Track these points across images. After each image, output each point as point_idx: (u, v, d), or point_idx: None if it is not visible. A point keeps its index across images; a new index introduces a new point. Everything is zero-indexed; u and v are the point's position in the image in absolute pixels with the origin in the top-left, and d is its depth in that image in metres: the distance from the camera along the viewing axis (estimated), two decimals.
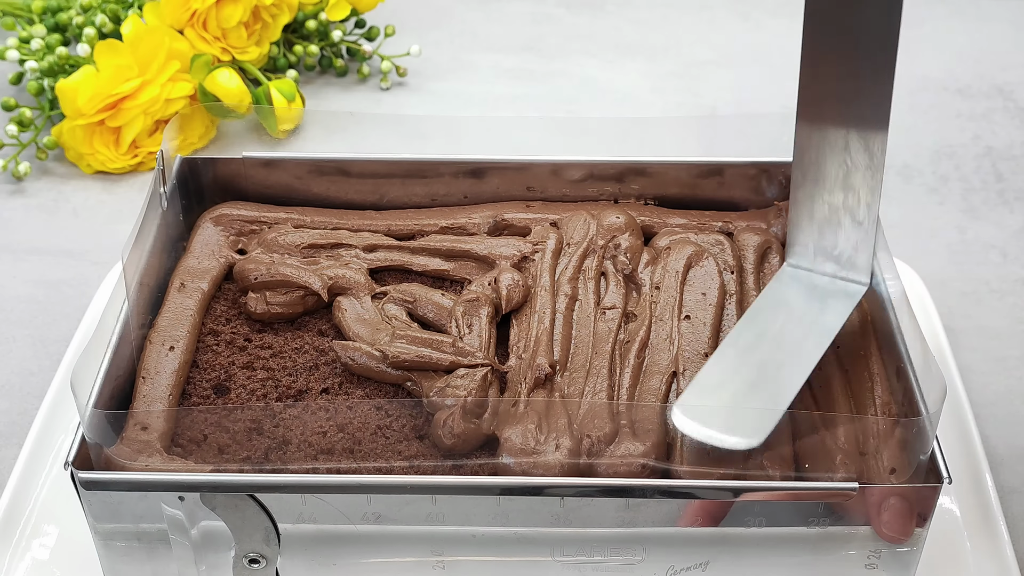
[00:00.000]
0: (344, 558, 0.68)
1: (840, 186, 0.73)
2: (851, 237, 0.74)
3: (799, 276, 0.76)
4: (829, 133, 0.72)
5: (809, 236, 0.76)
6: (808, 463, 0.67)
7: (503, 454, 0.67)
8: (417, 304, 0.77)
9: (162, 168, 0.79)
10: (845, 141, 0.72)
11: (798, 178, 0.75)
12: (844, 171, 0.73)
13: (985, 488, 0.77)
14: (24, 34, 1.15)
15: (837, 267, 0.76)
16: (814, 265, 0.76)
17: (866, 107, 0.71)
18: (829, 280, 0.76)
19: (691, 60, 1.28)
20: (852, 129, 0.71)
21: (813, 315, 0.73)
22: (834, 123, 0.72)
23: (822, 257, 0.76)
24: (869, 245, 0.74)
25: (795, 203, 0.76)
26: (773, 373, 0.70)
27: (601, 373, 0.72)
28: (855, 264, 0.75)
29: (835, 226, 0.75)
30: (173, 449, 0.68)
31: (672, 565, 0.68)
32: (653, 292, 0.78)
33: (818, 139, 0.73)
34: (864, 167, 0.72)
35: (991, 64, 1.27)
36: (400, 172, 0.85)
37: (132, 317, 0.73)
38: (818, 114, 0.72)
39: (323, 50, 1.24)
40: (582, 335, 0.75)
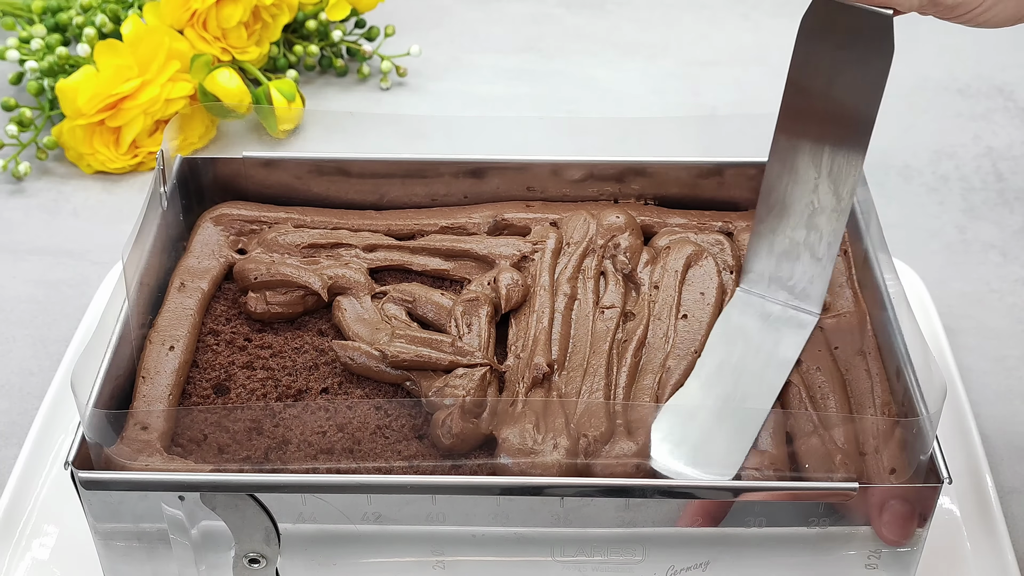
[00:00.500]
0: (344, 558, 0.68)
1: (804, 224, 0.75)
2: (808, 271, 0.76)
3: (752, 302, 0.77)
4: (800, 174, 0.73)
5: (766, 266, 0.77)
6: (808, 463, 0.67)
7: (501, 454, 0.67)
8: (417, 304, 0.77)
9: (162, 168, 0.79)
10: (815, 184, 0.73)
11: (763, 212, 0.76)
12: (810, 211, 0.74)
13: (985, 488, 0.77)
14: (24, 34, 1.15)
15: (790, 296, 0.77)
16: (767, 292, 0.77)
17: (841, 155, 0.71)
18: (781, 308, 0.77)
19: (691, 60, 1.28)
20: (824, 172, 0.72)
21: (770, 345, 0.74)
22: (807, 164, 0.73)
23: (776, 286, 0.77)
24: (825, 279, 0.75)
25: (757, 234, 0.77)
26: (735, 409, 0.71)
27: (598, 372, 0.72)
28: (808, 295, 0.76)
29: (793, 259, 0.76)
30: (173, 449, 0.68)
31: (672, 565, 0.68)
32: (652, 291, 0.78)
33: (789, 178, 0.74)
34: (831, 209, 0.73)
35: (991, 64, 1.27)
36: (400, 172, 0.85)
37: (132, 317, 0.73)
38: (792, 154, 0.73)
39: (323, 50, 1.24)
40: (580, 334, 0.75)
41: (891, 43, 0.66)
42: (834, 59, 0.68)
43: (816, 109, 0.71)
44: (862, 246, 0.78)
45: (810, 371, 0.73)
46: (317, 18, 1.21)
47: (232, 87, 1.09)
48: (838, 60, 0.68)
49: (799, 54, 0.70)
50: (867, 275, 0.77)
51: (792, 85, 0.71)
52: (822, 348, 0.74)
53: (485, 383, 0.71)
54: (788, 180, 0.74)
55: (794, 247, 0.75)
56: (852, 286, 0.78)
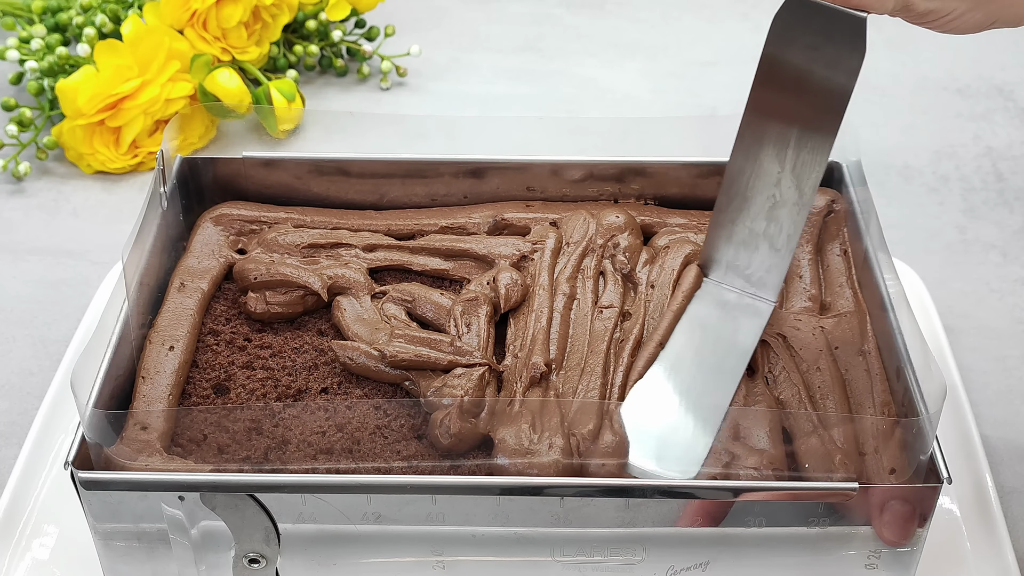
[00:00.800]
0: (344, 558, 0.68)
1: (764, 216, 0.75)
2: (766, 261, 0.76)
3: (709, 290, 0.78)
4: (764, 166, 0.73)
5: (724, 254, 0.77)
6: (808, 463, 0.67)
7: (497, 455, 0.67)
8: (416, 303, 0.77)
9: (162, 168, 0.79)
10: (778, 177, 0.73)
11: (723, 202, 0.76)
12: (771, 203, 0.74)
13: (985, 488, 0.77)
14: (24, 34, 1.15)
15: (746, 284, 0.77)
16: (724, 280, 0.78)
17: (806, 150, 0.72)
18: (737, 296, 0.77)
19: (691, 60, 1.28)
20: (788, 167, 0.73)
21: (729, 333, 0.75)
22: (771, 158, 0.73)
23: (733, 274, 0.77)
24: (782, 269, 0.76)
25: (716, 223, 0.77)
26: (697, 398, 0.71)
27: (595, 372, 0.72)
28: (765, 284, 0.77)
29: (752, 249, 0.76)
30: (173, 449, 0.68)
31: (672, 565, 0.68)
32: (648, 291, 0.78)
33: (752, 171, 0.74)
34: (792, 203, 0.74)
35: (991, 64, 1.27)
36: (400, 172, 0.85)
37: (132, 317, 0.73)
38: (757, 147, 0.73)
39: (323, 50, 1.24)
40: (579, 334, 0.75)
41: (863, 44, 0.67)
42: (805, 58, 0.69)
43: (784, 105, 0.71)
44: (862, 246, 0.78)
45: (810, 371, 0.73)
46: (317, 18, 1.21)
47: (232, 87, 1.09)
48: (809, 59, 0.68)
49: (770, 51, 0.70)
50: (867, 275, 0.77)
51: (761, 80, 0.71)
52: (822, 348, 0.74)
53: (483, 383, 0.71)
54: (751, 172, 0.74)
55: (753, 237, 0.76)
56: (852, 286, 0.78)
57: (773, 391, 0.72)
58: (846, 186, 0.83)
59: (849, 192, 0.82)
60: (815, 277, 0.80)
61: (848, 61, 0.67)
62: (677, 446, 0.67)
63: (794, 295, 0.79)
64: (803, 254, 0.81)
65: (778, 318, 0.76)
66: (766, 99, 0.71)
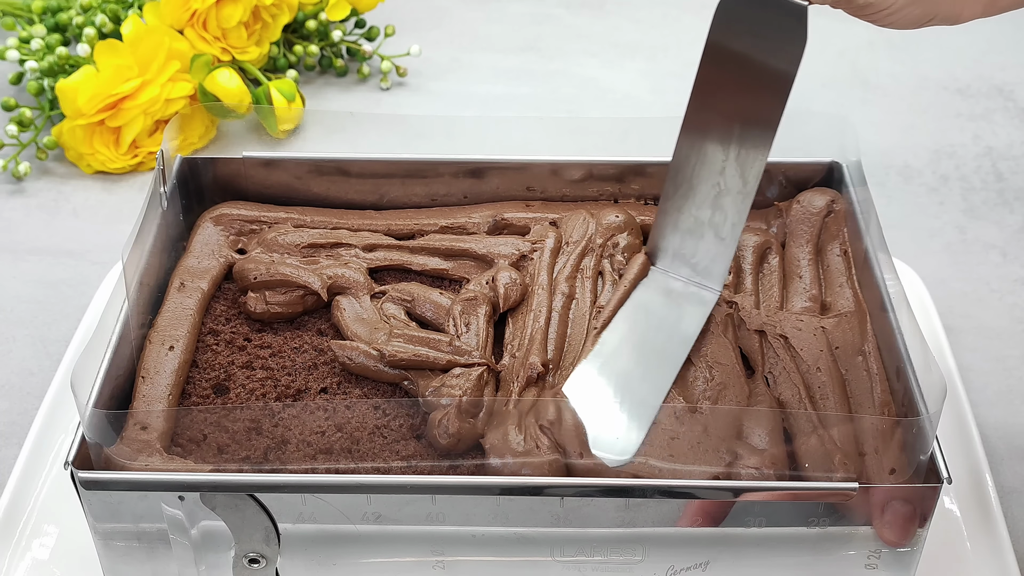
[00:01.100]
0: (344, 558, 0.68)
1: (709, 204, 0.75)
2: (711, 250, 0.76)
3: (655, 277, 0.78)
4: (709, 155, 0.74)
5: (670, 242, 0.78)
6: (808, 463, 0.67)
7: (490, 455, 0.67)
8: (415, 303, 0.77)
9: (162, 168, 0.79)
10: (723, 166, 0.74)
11: (670, 190, 0.76)
12: (716, 192, 0.75)
13: (985, 488, 0.77)
14: (24, 34, 1.15)
15: (692, 273, 0.78)
16: (670, 268, 0.78)
17: (749, 138, 0.72)
18: (683, 284, 0.77)
19: (691, 60, 1.27)
20: (731, 155, 0.73)
21: (673, 320, 0.75)
22: (715, 146, 0.73)
23: (679, 262, 0.78)
24: (727, 258, 0.76)
25: (663, 211, 0.77)
26: (636, 384, 0.71)
27: None
28: (711, 273, 0.77)
29: (697, 237, 0.77)
30: (173, 449, 0.68)
31: (672, 565, 0.68)
32: None
33: (697, 158, 0.74)
34: (736, 191, 0.74)
35: (991, 64, 1.27)
36: (400, 172, 0.85)
37: (132, 317, 0.73)
38: (702, 135, 0.74)
39: (323, 50, 1.24)
40: (576, 334, 0.75)
41: (804, 32, 0.67)
42: (748, 45, 0.69)
43: (729, 93, 0.71)
44: (862, 246, 0.78)
45: (810, 371, 0.73)
46: (317, 18, 1.21)
47: (232, 87, 1.09)
48: (752, 47, 0.69)
49: (714, 37, 0.70)
50: (867, 275, 0.77)
51: (706, 67, 0.72)
52: (822, 348, 0.74)
53: (482, 383, 0.71)
54: (696, 160, 0.74)
55: (699, 226, 0.76)
56: (852, 286, 0.78)
57: (773, 391, 0.72)
58: (846, 186, 0.83)
59: (849, 192, 0.82)
60: (815, 277, 0.80)
61: (790, 49, 0.68)
62: (613, 431, 0.67)
63: (794, 295, 0.79)
64: (803, 254, 0.81)
65: (778, 318, 0.76)
66: (711, 86, 0.72)
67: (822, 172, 0.85)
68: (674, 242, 0.77)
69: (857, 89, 1.24)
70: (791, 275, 0.80)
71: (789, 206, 0.83)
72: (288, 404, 0.71)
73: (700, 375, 0.72)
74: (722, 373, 0.72)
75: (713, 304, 0.76)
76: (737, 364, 0.73)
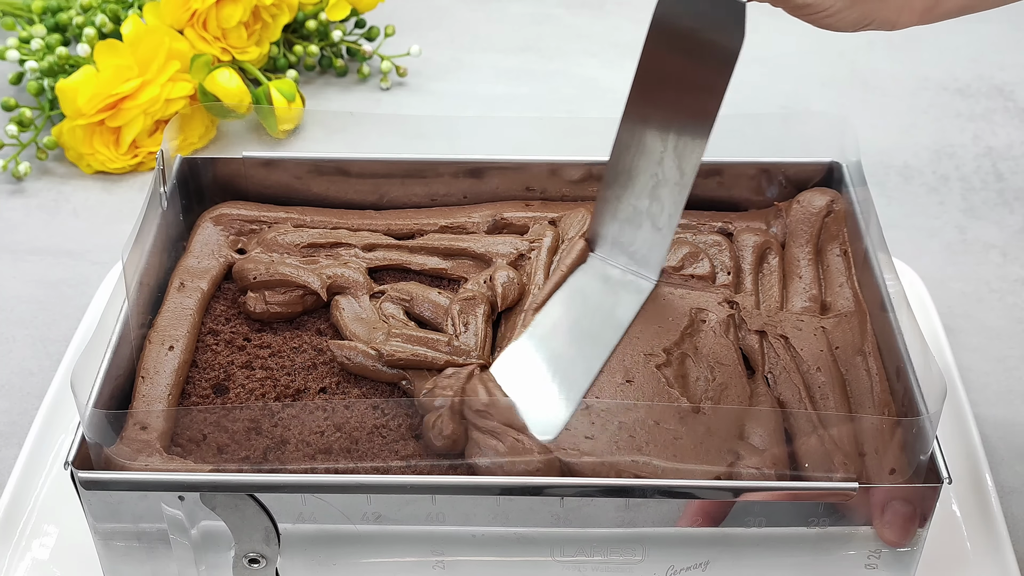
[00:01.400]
0: (344, 558, 0.68)
1: (648, 194, 0.75)
2: (648, 239, 0.77)
3: (594, 264, 0.79)
4: (648, 144, 0.74)
5: (609, 230, 0.78)
6: (808, 463, 0.67)
7: (474, 455, 0.67)
8: (414, 302, 0.77)
9: (162, 168, 0.79)
10: (661, 156, 0.74)
11: (610, 178, 0.76)
12: (654, 182, 0.75)
13: (985, 488, 0.77)
14: (24, 34, 1.15)
15: (630, 261, 0.78)
16: (609, 256, 0.79)
17: (687, 130, 0.72)
18: (620, 272, 0.78)
19: None
20: (670, 147, 0.73)
21: (608, 306, 0.76)
22: (655, 137, 0.73)
23: (617, 250, 0.78)
24: (664, 248, 0.77)
25: (603, 199, 0.78)
26: (566, 365, 0.72)
27: None
28: (648, 262, 0.77)
29: (635, 227, 0.77)
30: (173, 449, 0.68)
31: (672, 565, 0.68)
32: None
33: (636, 147, 0.74)
34: (674, 183, 0.74)
35: (991, 64, 1.27)
36: (400, 172, 0.85)
37: (132, 317, 0.73)
38: (642, 124, 0.74)
39: (323, 50, 1.24)
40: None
41: (742, 30, 0.67)
42: (687, 39, 0.69)
43: (667, 85, 0.72)
44: (862, 246, 0.78)
45: (810, 371, 0.73)
46: (317, 18, 1.21)
47: (232, 87, 1.09)
48: (691, 41, 0.69)
49: (655, 30, 0.70)
50: (867, 275, 0.77)
51: (647, 57, 0.72)
52: (822, 348, 0.74)
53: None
54: (636, 150, 0.75)
55: (637, 215, 0.76)
56: (852, 286, 0.78)
57: (773, 391, 0.72)
58: (846, 186, 0.83)
59: (849, 192, 0.82)
60: (815, 277, 0.80)
61: (727, 46, 0.68)
62: (538, 410, 0.68)
63: (794, 295, 0.79)
64: (803, 254, 0.81)
65: (778, 318, 0.76)
66: (652, 76, 0.72)
67: (822, 172, 0.85)
68: (613, 230, 0.78)
69: (857, 89, 1.24)
70: (791, 275, 0.80)
71: (789, 206, 0.83)
72: (287, 404, 0.71)
73: (702, 375, 0.72)
74: (723, 373, 0.72)
75: (648, 293, 0.77)
76: (739, 364, 0.73)
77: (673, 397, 0.71)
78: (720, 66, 0.69)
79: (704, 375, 0.72)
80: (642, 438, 0.67)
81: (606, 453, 0.66)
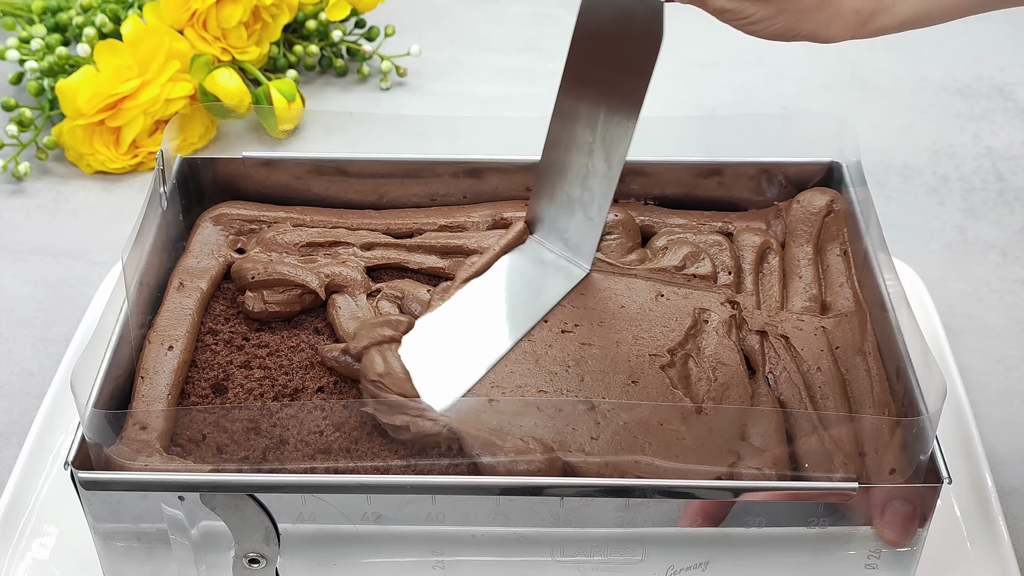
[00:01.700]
0: (344, 558, 0.68)
1: (579, 183, 0.76)
2: (581, 228, 0.78)
3: (532, 246, 0.80)
4: (578, 135, 0.75)
5: (546, 215, 0.79)
6: (808, 463, 0.67)
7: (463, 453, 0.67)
8: (404, 300, 0.77)
9: (162, 168, 0.79)
10: (590, 148, 0.75)
11: (545, 164, 0.78)
12: (585, 172, 0.76)
13: (985, 488, 0.77)
14: (24, 34, 1.15)
15: (564, 248, 0.79)
16: (546, 239, 0.80)
17: (613, 124, 0.73)
18: (555, 257, 0.79)
19: (691, 60, 1.28)
20: (598, 138, 0.74)
21: (536, 288, 0.77)
22: (584, 128, 0.74)
23: (554, 235, 0.79)
24: (595, 238, 0.78)
25: (539, 183, 0.79)
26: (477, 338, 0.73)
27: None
28: (580, 250, 0.79)
29: (569, 214, 0.78)
30: (172, 449, 0.68)
31: (672, 565, 0.68)
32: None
33: (568, 137, 0.75)
34: (602, 175, 0.75)
35: (991, 64, 1.27)
36: (399, 172, 0.85)
37: (132, 317, 0.73)
38: (572, 115, 0.75)
39: (323, 50, 1.24)
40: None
41: (660, 30, 0.68)
42: (611, 36, 0.70)
43: (593, 79, 0.73)
44: (862, 246, 0.78)
45: (810, 371, 0.73)
46: (317, 18, 1.21)
47: (232, 87, 1.09)
48: (614, 38, 0.70)
49: (580, 23, 0.71)
50: (867, 275, 0.77)
51: (574, 51, 0.73)
52: (823, 348, 0.74)
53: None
54: (567, 139, 0.76)
55: (570, 202, 0.78)
56: (852, 286, 0.78)
57: (774, 391, 0.72)
58: (846, 186, 0.83)
59: (849, 192, 0.82)
60: (815, 277, 0.80)
61: (647, 45, 0.69)
62: (440, 378, 0.69)
63: (794, 295, 0.79)
64: (803, 254, 0.81)
65: (779, 318, 0.76)
66: (579, 69, 0.73)
67: (822, 172, 0.85)
68: (549, 214, 0.79)
69: (857, 89, 1.24)
70: (791, 275, 0.80)
71: (789, 206, 0.83)
72: (286, 404, 0.71)
73: (704, 376, 0.72)
74: (725, 374, 0.72)
75: (579, 280, 0.78)
76: (740, 365, 0.73)
77: (677, 398, 0.71)
78: (641, 65, 0.70)
79: (706, 375, 0.72)
80: (645, 439, 0.67)
81: (610, 453, 0.66)
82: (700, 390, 0.72)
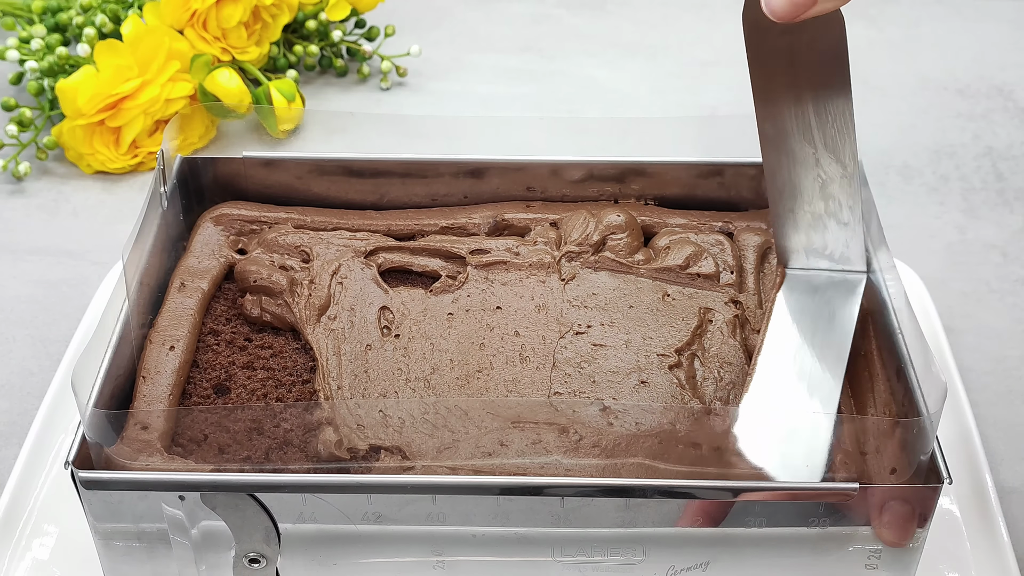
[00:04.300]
0: (344, 558, 0.68)
1: (819, 197, 0.74)
2: (839, 237, 0.75)
3: (798, 278, 0.77)
4: (797, 154, 0.73)
5: (798, 242, 0.77)
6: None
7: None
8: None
9: (162, 168, 0.79)
10: (815, 158, 0.72)
11: (775, 195, 0.75)
12: (820, 184, 0.73)
13: (985, 488, 0.77)
14: (24, 34, 1.15)
15: (832, 263, 0.76)
16: (809, 264, 0.77)
17: (829, 126, 0.71)
18: (827, 276, 0.76)
19: (691, 60, 1.28)
20: (820, 147, 0.72)
21: (828, 314, 0.74)
22: (800, 144, 0.72)
23: (815, 257, 0.77)
24: (859, 239, 0.75)
25: (776, 216, 0.76)
26: (817, 380, 0.70)
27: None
28: (848, 258, 0.76)
29: (821, 230, 0.75)
30: (173, 449, 0.68)
31: (672, 565, 0.68)
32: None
33: (788, 161, 0.73)
34: (839, 177, 0.73)
35: (991, 64, 1.27)
36: (400, 172, 0.85)
37: (132, 317, 0.73)
38: (782, 136, 0.72)
39: (323, 50, 1.24)
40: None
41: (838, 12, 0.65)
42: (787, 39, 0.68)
43: (787, 88, 0.70)
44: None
45: None
46: (317, 18, 1.21)
47: (232, 87, 1.09)
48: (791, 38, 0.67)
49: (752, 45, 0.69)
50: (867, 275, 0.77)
51: (757, 74, 0.70)
52: None
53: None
54: (788, 162, 0.73)
55: (817, 219, 0.75)
56: None
57: None
58: None
59: None
60: None
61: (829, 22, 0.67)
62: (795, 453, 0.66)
63: None
64: None
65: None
66: (768, 90, 0.71)
67: None
68: (801, 240, 0.76)
69: (857, 89, 1.23)
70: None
71: None
72: (289, 404, 0.71)
73: (710, 375, 0.72)
74: (731, 373, 0.72)
75: (862, 284, 0.75)
76: (745, 364, 0.73)
77: (685, 398, 0.71)
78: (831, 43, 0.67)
79: (713, 375, 0.72)
80: (656, 440, 0.67)
81: (619, 456, 0.66)
82: (707, 390, 0.72)
